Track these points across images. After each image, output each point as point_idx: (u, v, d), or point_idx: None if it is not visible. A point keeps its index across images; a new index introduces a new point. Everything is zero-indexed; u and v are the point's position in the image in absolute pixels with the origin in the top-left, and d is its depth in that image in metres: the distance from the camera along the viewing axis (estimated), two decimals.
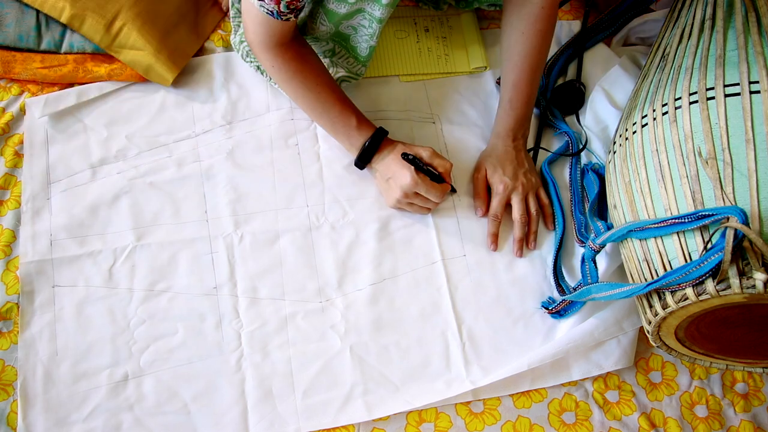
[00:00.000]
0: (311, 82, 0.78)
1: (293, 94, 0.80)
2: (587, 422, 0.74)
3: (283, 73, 0.78)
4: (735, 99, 0.65)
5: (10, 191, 0.82)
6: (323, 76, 0.79)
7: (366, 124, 0.80)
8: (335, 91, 0.79)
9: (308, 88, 0.78)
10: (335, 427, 0.72)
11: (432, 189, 0.77)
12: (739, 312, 0.61)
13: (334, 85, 0.80)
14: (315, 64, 0.79)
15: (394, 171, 0.78)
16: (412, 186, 0.76)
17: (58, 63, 0.87)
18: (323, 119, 0.80)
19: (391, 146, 0.80)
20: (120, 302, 0.75)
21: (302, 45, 0.79)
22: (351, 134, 0.79)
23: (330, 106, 0.79)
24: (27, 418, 0.69)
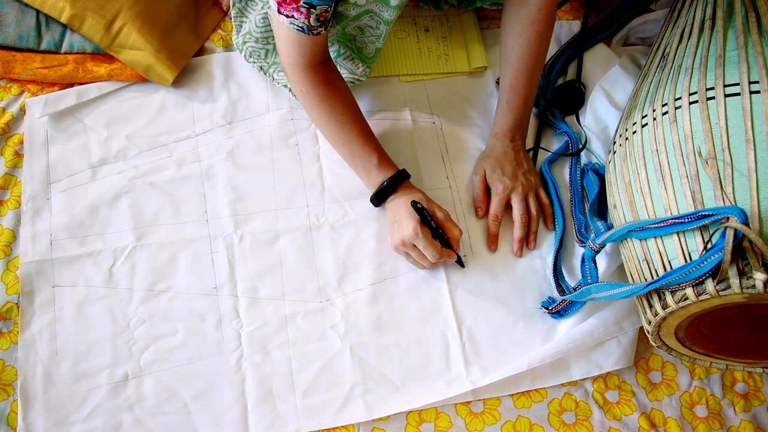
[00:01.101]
0: (338, 110, 0.77)
1: (318, 120, 0.79)
2: (587, 422, 0.74)
3: (311, 98, 0.76)
4: (735, 99, 0.65)
5: (10, 191, 0.82)
6: (350, 106, 0.78)
7: (387, 162, 0.78)
8: (360, 123, 0.78)
9: (334, 115, 0.77)
10: (335, 427, 0.72)
11: (430, 247, 0.73)
12: (739, 312, 0.61)
13: (360, 117, 0.79)
14: (343, 91, 0.78)
15: (401, 216, 0.75)
16: (412, 237, 0.73)
17: (58, 63, 0.87)
18: (344, 150, 0.79)
19: (408, 190, 0.78)
20: (120, 302, 0.75)
21: (332, 70, 0.78)
22: (371, 171, 0.78)
23: (354, 138, 0.77)
24: (27, 418, 0.69)
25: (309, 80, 0.75)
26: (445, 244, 0.76)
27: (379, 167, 0.77)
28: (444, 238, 0.76)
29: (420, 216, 0.74)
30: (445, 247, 0.76)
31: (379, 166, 0.77)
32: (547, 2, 0.77)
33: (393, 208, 0.77)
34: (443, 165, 0.88)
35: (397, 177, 0.77)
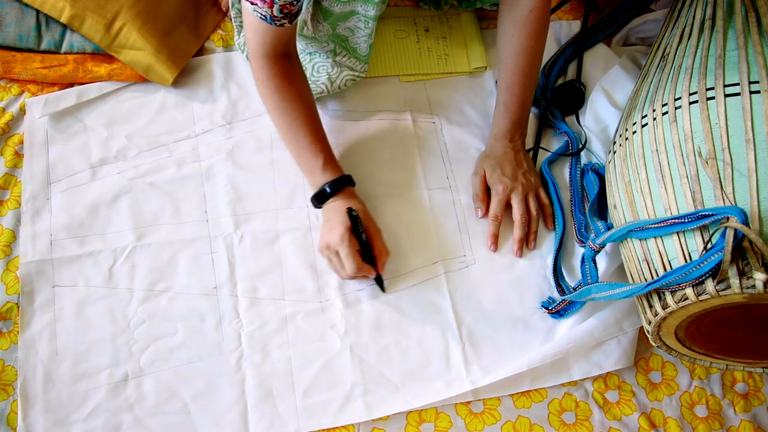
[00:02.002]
0: (290, 105, 0.76)
1: (271, 111, 0.78)
2: (587, 422, 0.74)
3: (265, 88, 0.76)
4: (735, 99, 0.65)
5: (10, 191, 0.82)
6: (305, 103, 0.77)
7: (333, 166, 0.77)
8: (312, 122, 0.77)
9: (285, 110, 0.76)
10: (335, 427, 0.72)
11: (350, 257, 0.71)
12: (739, 312, 0.61)
13: (313, 116, 0.78)
14: (300, 89, 0.77)
15: (333, 220, 0.74)
16: (337, 242, 0.72)
17: (58, 63, 0.87)
18: (292, 146, 0.78)
19: (349, 197, 0.76)
20: (120, 302, 0.75)
21: (293, 65, 0.77)
22: (315, 171, 0.77)
23: (302, 136, 0.76)
24: (27, 418, 0.69)
25: (267, 70, 0.75)
26: (371, 261, 0.74)
27: (324, 169, 0.76)
28: (371, 255, 0.74)
29: (352, 224, 0.73)
30: (370, 263, 0.74)
31: (324, 168, 0.76)
32: (539, 4, 0.76)
33: (329, 211, 0.76)
34: (443, 165, 0.88)
35: (340, 181, 0.76)
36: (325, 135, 0.79)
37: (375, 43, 0.95)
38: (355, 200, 0.77)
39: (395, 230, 0.82)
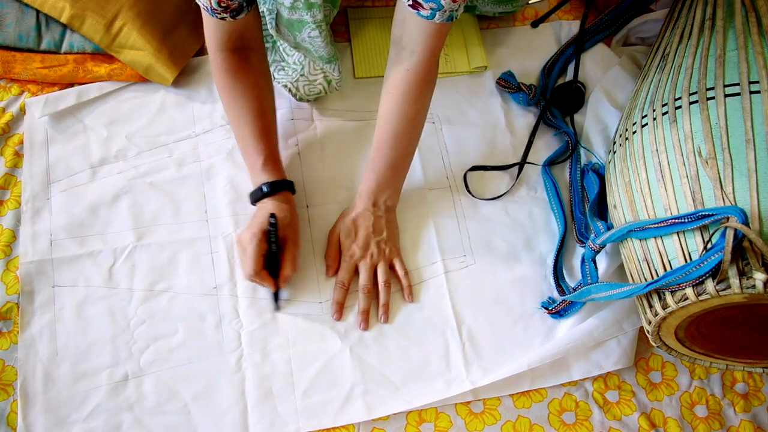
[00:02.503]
0: (239, 102, 0.75)
1: (223, 104, 0.78)
2: (587, 422, 0.74)
3: (217, 81, 0.76)
4: (735, 99, 0.65)
5: (10, 191, 0.82)
6: (256, 101, 0.76)
7: (273, 167, 0.76)
8: (260, 120, 0.76)
9: (234, 107, 0.75)
10: (335, 427, 0.72)
11: (250, 261, 0.70)
12: (739, 312, 0.61)
13: (262, 114, 0.76)
14: (253, 85, 0.76)
15: (254, 218, 0.74)
16: (245, 240, 0.71)
17: (58, 63, 0.87)
18: (238, 141, 0.78)
19: (283, 202, 0.75)
20: (120, 302, 0.75)
21: (247, 61, 0.76)
22: (255, 170, 0.76)
23: (248, 133, 0.75)
24: (27, 418, 0.69)
25: (218, 64, 0.74)
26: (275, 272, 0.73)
27: (264, 169, 0.75)
28: (277, 267, 0.73)
29: (270, 229, 0.72)
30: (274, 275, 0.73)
31: (264, 168, 0.75)
32: (418, 66, 0.70)
33: (258, 210, 0.75)
34: (443, 165, 0.88)
35: (278, 184, 0.75)
36: (273, 135, 0.78)
37: (375, 43, 0.95)
38: (286, 207, 0.75)
39: None
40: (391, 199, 0.79)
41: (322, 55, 0.80)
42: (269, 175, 0.75)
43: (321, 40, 0.77)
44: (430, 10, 0.63)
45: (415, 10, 0.64)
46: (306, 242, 0.81)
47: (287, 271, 0.73)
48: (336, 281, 0.77)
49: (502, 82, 0.93)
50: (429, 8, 0.63)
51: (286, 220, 0.74)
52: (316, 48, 0.79)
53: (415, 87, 0.72)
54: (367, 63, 0.94)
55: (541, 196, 0.87)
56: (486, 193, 0.87)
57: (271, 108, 0.79)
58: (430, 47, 0.69)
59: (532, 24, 1.01)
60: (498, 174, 0.88)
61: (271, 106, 0.80)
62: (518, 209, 0.86)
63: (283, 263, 0.73)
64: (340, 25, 0.98)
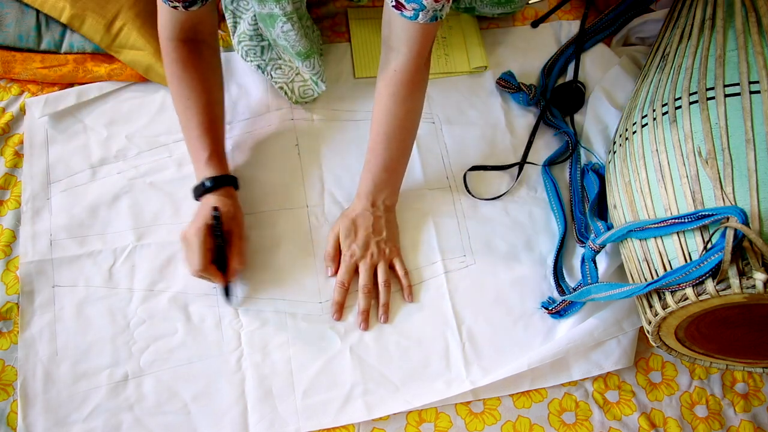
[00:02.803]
0: (186, 94, 0.74)
1: (171, 94, 0.77)
2: (587, 422, 0.74)
3: (166, 70, 0.75)
4: (735, 99, 0.65)
5: (10, 191, 0.82)
6: (204, 94, 0.75)
7: (218, 163, 0.75)
8: (206, 114, 0.75)
9: (181, 99, 0.75)
10: (335, 427, 0.72)
11: (195, 255, 0.69)
12: (739, 312, 0.61)
13: (209, 108, 0.76)
14: (202, 78, 0.75)
15: (198, 213, 0.73)
16: (189, 235, 0.70)
17: (58, 63, 0.87)
18: (184, 133, 0.77)
19: (227, 197, 0.74)
20: (120, 302, 0.75)
21: (200, 53, 0.75)
22: (199, 164, 0.75)
23: (194, 126, 0.75)
24: (27, 418, 0.69)
25: (167, 53, 0.74)
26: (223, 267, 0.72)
27: (208, 164, 0.74)
28: (224, 262, 0.72)
29: (213, 223, 0.71)
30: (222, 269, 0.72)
31: (208, 163, 0.74)
32: (405, 66, 0.70)
33: (201, 205, 0.74)
34: (443, 165, 0.88)
35: (221, 179, 0.74)
36: (219, 130, 0.77)
37: (375, 43, 0.95)
38: (230, 202, 0.74)
39: None
40: (390, 199, 0.79)
41: (299, 50, 0.80)
42: (213, 170, 0.75)
43: (295, 33, 0.77)
44: (413, 10, 0.63)
45: (399, 11, 0.64)
46: (306, 242, 0.81)
47: (236, 264, 0.73)
48: (336, 281, 0.77)
49: (502, 82, 0.93)
50: (411, 9, 0.63)
51: (230, 214, 0.73)
52: (292, 43, 0.78)
53: (403, 87, 0.72)
54: (367, 63, 0.94)
55: (541, 196, 0.87)
56: (486, 193, 0.87)
57: (219, 102, 0.78)
58: (417, 48, 0.69)
59: (532, 24, 1.01)
60: (498, 174, 0.88)
61: (220, 101, 0.79)
62: (518, 209, 0.86)
63: (231, 257, 0.73)
64: (340, 25, 0.98)
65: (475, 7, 0.95)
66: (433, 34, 0.69)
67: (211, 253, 0.71)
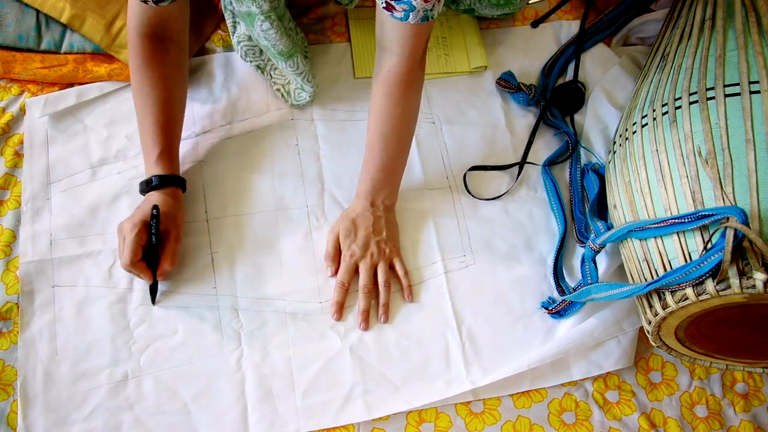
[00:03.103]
0: (147, 88, 0.74)
1: (132, 87, 0.76)
2: (587, 422, 0.74)
3: (130, 63, 0.75)
4: (735, 99, 0.65)
5: (10, 191, 0.82)
6: (163, 92, 0.75)
7: (167, 161, 0.75)
8: (164, 110, 0.75)
9: (140, 94, 0.74)
10: (335, 427, 0.72)
11: (129, 249, 0.69)
12: (739, 312, 0.61)
13: (168, 104, 0.75)
14: (165, 74, 0.75)
15: (139, 208, 0.73)
16: (126, 228, 0.70)
17: (58, 63, 0.87)
18: (139, 127, 0.76)
19: (172, 197, 0.74)
20: (120, 302, 0.75)
21: (165, 50, 0.75)
22: (149, 161, 0.75)
23: (149, 123, 0.74)
24: (27, 418, 0.69)
25: (133, 46, 0.74)
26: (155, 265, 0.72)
27: (157, 161, 0.74)
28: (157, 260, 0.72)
29: (151, 222, 0.71)
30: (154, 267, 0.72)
31: (158, 161, 0.74)
32: (397, 66, 0.70)
33: (144, 200, 0.74)
34: (443, 165, 0.88)
35: (168, 179, 0.74)
36: (175, 129, 0.77)
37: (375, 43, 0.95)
38: (172, 203, 0.74)
39: None
40: (389, 199, 0.79)
41: (280, 49, 0.79)
42: (162, 168, 0.75)
43: (275, 32, 0.76)
44: (403, 11, 0.63)
45: (389, 12, 0.64)
46: (306, 242, 0.81)
47: (166, 266, 0.73)
48: (336, 282, 0.77)
49: (502, 82, 0.93)
50: (401, 10, 0.63)
51: (170, 215, 0.73)
52: (273, 42, 0.78)
53: (397, 88, 0.72)
54: (367, 63, 0.94)
55: (541, 196, 0.87)
56: (486, 193, 0.87)
57: (178, 102, 0.78)
58: (409, 48, 0.69)
59: (532, 24, 1.01)
60: (498, 174, 0.88)
61: (180, 100, 0.79)
62: (518, 209, 0.86)
63: (163, 257, 0.73)
64: (340, 25, 0.98)
65: (475, 9, 0.95)
66: (426, 34, 0.69)
67: (143, 250, 0.71)
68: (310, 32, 0.96)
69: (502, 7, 0.93)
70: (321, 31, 0.97)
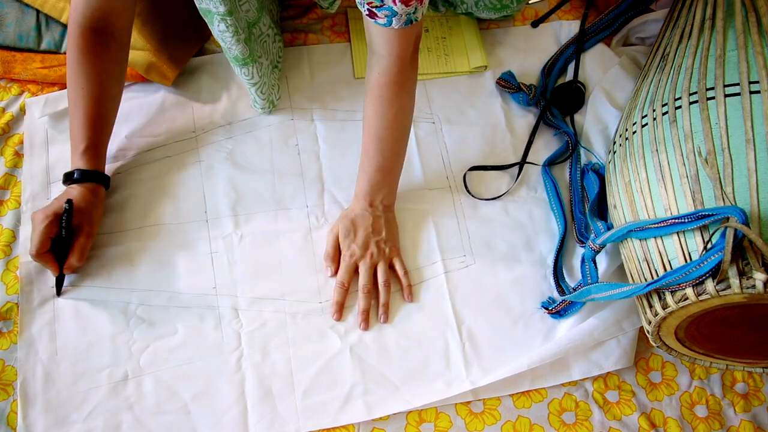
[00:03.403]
0: (81, 81, 0.74)
1: (67, 78, 0.75)
2: (587, 422, 0.74)
3: (68, 52, 0.74)
4: (735, 99, 0.65)
5: (10, 191, 0.82)
6: (98, 85, 0.74)
7: (92, 157, 0.75)
8: (95, 107, 0.74)
9: (73, 86, 0.74)
10: (335, 427, 0.72)
11: (36, 238, 0.70)
12: (739, 312, 0.61)
13: (99, 101, 0.75)
14: (101, 69, 0.75)
15: (54, 199, 0.73)
16: (37, 218, 0.70)
17: (58, 63, 0.87)
18: (69, 119, 0.76)
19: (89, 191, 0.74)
20: (120, 302, 0.75)
21: (105, 45, 0.74)
22: (75, 153, 0.75)
23: (79, 115, 0.74)
24: (27, 418, 0.69)
25: (72, 37, 0.73)
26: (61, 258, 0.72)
27: (83, 156, 0.74)
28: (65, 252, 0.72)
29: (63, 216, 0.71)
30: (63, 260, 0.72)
31: (83, 155, 0.74)
32: (386, 68, 0.70)
33: (62, 192, 0.74)
34: (443, 165, 0.88)
35: (90, 174, 0.74)
36: (105, 125, 0.77)
37: None
38: (90, 199, 0.74)
39: None
40: (388, 198, 0.79)
41: (235, 55, 0.78)
42: (86, 163, 0.74)
43: (230, 35, 0.75)
44: (386, 17, 0.64)
45: (372, 20, 0.65)
46: (306, 242, 0.81)
47: (73, 261, 0.73)
48: (336, 282, 0.77)
49: (502, 82, 0.93)
50: (384, 16, 0.64)
51: (85, 210, 0.73)
52: (228, 45, 0.76)
53: (388, 90, 0.72)
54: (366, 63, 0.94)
55: (541, 196, 0.87)
56: (486, 193, 0.87)
57: (112, 98, 0.78)
58: (397, 50, 0.69)
59: (532, 24, 1.01)
60: (498, 174, 0.88)
61: (114, 97, 0.78)
62: (518, 209, 0.86)
63: (71, 252, 0.72)
64: (340, 25, 0.98)
65: (473, 12, 0.95)
66: (412, 36, 0.69)
67: (51, 242, 0.71)
68: (310, 32, 0.96)
69: (499, 10, 0.93)
70: (321, 31, 0.97)
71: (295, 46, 0.95)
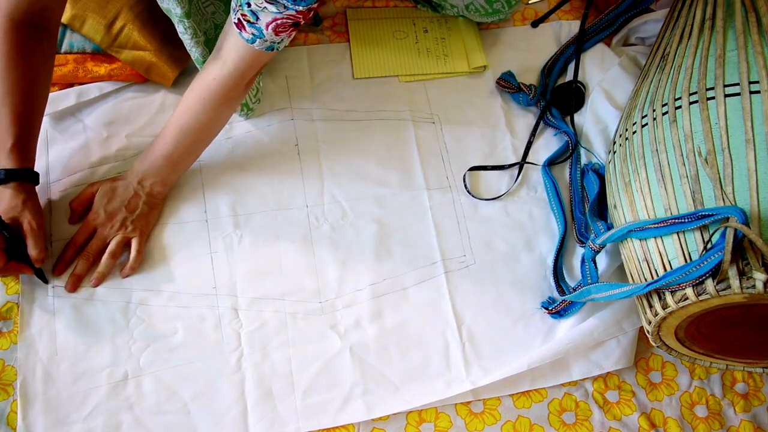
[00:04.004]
0: (11, 77, 0.71)
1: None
2: (587, 422, 0.74)
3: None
4: (735, 99, 0.65)
5: None
6: (27, 83, 0.72)
7: (19, 154, 0.72)
8: (23, 104, 0.72)
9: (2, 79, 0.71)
10: (335, 426, 0.72)
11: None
12: (739, 312, 0.61)
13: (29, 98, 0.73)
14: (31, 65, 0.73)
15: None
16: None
17: (58, 63, 0.87)
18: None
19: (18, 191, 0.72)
20: (120, 302, 0.75)
21: (37, 41, 0.72)
22: (2, 152, 0.72)
23: (6, 111, 0.71)
24: (27, 418, 0.69)
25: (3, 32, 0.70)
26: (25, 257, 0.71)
27: (9, 153, 0.71)
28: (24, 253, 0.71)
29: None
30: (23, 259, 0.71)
31: (10, 152, 0.71)
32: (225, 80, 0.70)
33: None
34: (443, 165, 0.88)
35: (15, 173, 0.72)
36: (34, 122, 0.75)
37: (375, 44, 0.95)
38: (17, 195, 0.72)
39: (395, 230, 0.82)
40: (158, 187, 0.78)
41: (196, 57, 0.77)
42: (13, 161, 0.72)
43: (189, 38, 0.74)
44: (252, 35, 0.64)
45: (238, 30, 0.64)
46: (306, 242, 0.81)
47: (34, 254, 0.71)
48: (71, 240, 0.76)
49: (502, 82, 0.93)
50: (251, 33, 0.63)
51: (17, 208, 0.71)
52: (188, 47, 0.76)
53: (214, 98, 0.72)
54: (366, 63, 0.94)
55: (541, 196, 0.87)
56: (486, 193, 0.87)
57: (41, 96, 0.76)
58: (243, 68, 0.69)
59: (532, 24, 1.01)
60: (498, 174, 0.88)
61: (43, 95, 0.77)
62: (518, 209, 0.86)
63: (28, 247, 0.71)
64: (340, 25, 0.98)
65: (465, 17, 0.95)
66: (263, 60, 0.69)
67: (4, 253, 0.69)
68: (310, 32, 0.96)
69: (490, 15, 0.94)
70: (321, 31, 0.97)
71: (294, 46, 0.95)
